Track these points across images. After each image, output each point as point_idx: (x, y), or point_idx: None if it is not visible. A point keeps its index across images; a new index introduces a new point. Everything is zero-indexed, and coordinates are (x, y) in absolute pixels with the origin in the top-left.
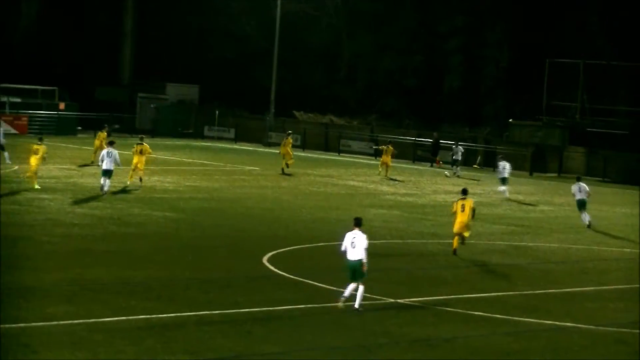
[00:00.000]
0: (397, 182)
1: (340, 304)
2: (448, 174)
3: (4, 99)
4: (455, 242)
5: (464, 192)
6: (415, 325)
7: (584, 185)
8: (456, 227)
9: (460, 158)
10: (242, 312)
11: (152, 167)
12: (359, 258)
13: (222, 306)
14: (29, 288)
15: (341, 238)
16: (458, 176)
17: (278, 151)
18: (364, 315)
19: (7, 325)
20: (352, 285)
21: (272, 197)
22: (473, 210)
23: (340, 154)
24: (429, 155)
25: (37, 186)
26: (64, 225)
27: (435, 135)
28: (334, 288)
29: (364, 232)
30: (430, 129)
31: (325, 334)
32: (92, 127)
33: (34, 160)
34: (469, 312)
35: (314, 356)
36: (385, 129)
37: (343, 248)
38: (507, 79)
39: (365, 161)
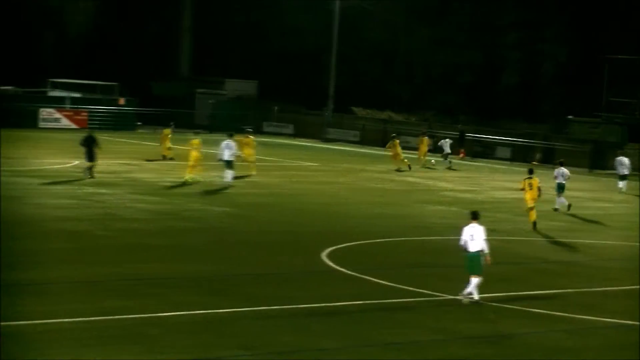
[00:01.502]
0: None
1: (464, 299)
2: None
3: (64, 94)
4: (532, 215)
5: (530, 172)
6: (473, 321)
7: (566, 170)
8: (529, 202)
9: (450, 151)
10: (299, 307)
11: (210, 163)
12: (478, 249)
13: (279, 301)
14: (86, 282)
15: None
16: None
17: (390, 153)
18: (420, 311)
19: (64, 320)
20: (474, 280)
21: (330, 193)
22: (539, 188)
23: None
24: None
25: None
26: (122, 219)
27: (460, 128)
28: (391, 284)
29: (480, 224)
30: (488, 125)
31: (382, 330)
32: (150, 122)
33: (194, 154)
34: (527, 309)
35: (371, 352)
36: (442, 125)
37: (462, 242)
38: (565, 75)
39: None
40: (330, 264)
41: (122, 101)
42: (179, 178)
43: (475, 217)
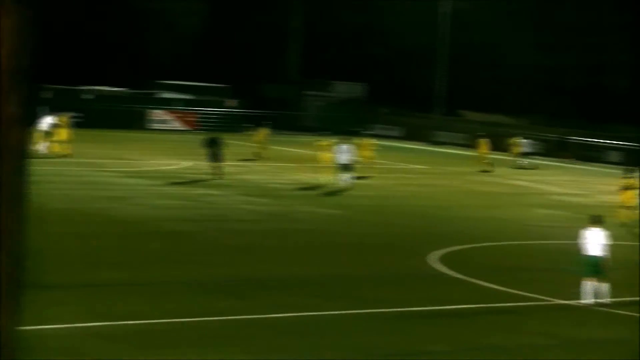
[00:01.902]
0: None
1: (589, 303)
2: (523, 162)
3: (174, 96)
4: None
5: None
6: (584, 326)
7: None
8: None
9: (529, 150)
10: (407, 310)
11: (318, 165)
12: (599, 254)
13: (387, 304)
14: (195, 283)
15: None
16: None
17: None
18: (529, 315)
19: (176, 320)
20: (591, 283)
21: (438, 196)
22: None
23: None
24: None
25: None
26: (232, 221)
27: (562, 131)
28: (499, 287)
29: (602, 229)
30: (598, 129)
31: (490, 334)
32: (259, 124)
33: (325, 156)
34: (637, 314)
35: (480, 356)
36: (553, 128)
37: (582, 245)
38: None
39: (533, 160)
40: (438, 267)
41: (231, 103)
42: (288, 180)
43: (596, 221)
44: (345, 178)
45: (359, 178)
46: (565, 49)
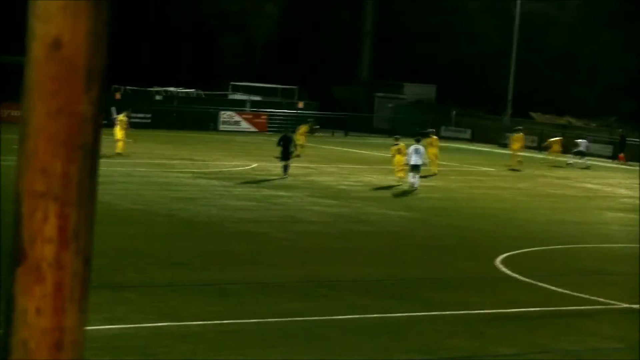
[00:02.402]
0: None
1: None
2: (571, 162)
3: (245, 97)
4: None
5: None
6: None
7: None
8: None
9: (585, 150)
10: (475, 312)
11: (388, 167)
12: None
13: (455, 306)
14: (265, 284)
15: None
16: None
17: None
18: (598, 319)
19: (245, 320)
20: None
21: (507, 198)
22: None
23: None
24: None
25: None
26: (301, 222)
27: (621, 132)
28: (568, 291)
29: None
30: None
31: (560, 337)
32: (330, 126)
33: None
34: None
35: (547, 358)
36: (626, 131)
37: None
38: None
39: (602, 164)
40: (506, 270)
41: (301, 104)
42: (358, 182)
43: None
44: (413, 178)
45: (424, 178)
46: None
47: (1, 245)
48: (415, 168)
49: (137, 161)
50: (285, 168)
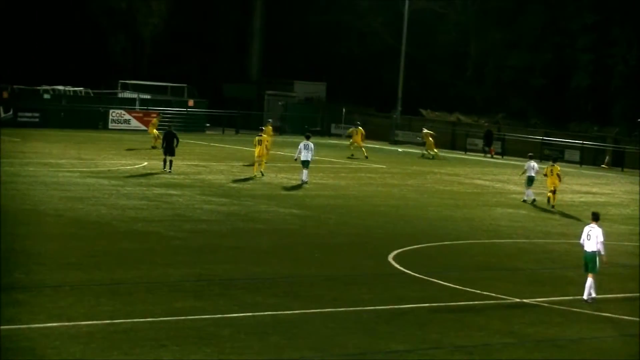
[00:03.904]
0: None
1: (589, 301)
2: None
3: (134, 95)
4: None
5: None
6: (541, 325)
7: (536, 164)
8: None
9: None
10: (367, 309)
11: (279, 165)
12: (593, 250)
13: (347, 303)
14: (157, 283)
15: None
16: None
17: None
18: (489, 314)
19: (136, 320)
20: (589, 280)
21: (398, 195)
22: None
23: (467, 153)
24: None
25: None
26: (192, 221)
27: (486, 126)
28: (459, 287)
29: (600, 226)
30: (558, 128)
31: (450, 333)
32: (220, 124)
33: (258, 151)
34: (596, 313)
35: (440, 355)
36: (512, 127)
37: (581, 241)
38: (636, 78)
39: (492, 160)
40: (398, 266)
41: (191, 103)
42: (247, 180)
43: (595, 218)
44: (303, 176)
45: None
46: (528, 49)
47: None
48: (305, 164)
49: (25, 161)
50: (168, 163)
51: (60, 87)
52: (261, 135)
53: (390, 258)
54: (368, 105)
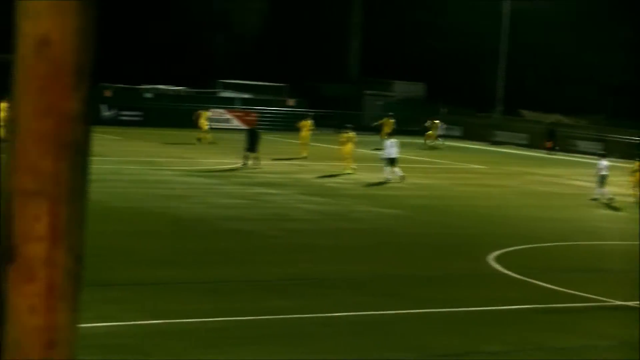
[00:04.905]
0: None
1: None
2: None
3: (234, 95)
4: None
5: None
6: None
7: (606, 162)
8: None
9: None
10: (464, 310)
11: (377, 164)
12: None
13: (444, 303)
14: (254, 281)
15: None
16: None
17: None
18: (589, 316)
19: (232, 318)
20: None
21: (496, 196)
22: None
23: (568, 154)
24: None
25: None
26: (290, 220)
27: (551, 122)
28: (558, 288)
29: None
30: None
31: (550, 335)
32: (318, 123)
33: (345, 148)
34: None
35: (539, 356)
36: (615, 128)
37: None
38: None
39: (592, 161)
40: (496, 267)
41: (291, 102)
42: (345, 179)
43: None
44: (393, 172)
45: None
46: (633, 49)
47: None
48: (392, 161)
49: (127, 159)
50: (251, 160)
51: (161, 87)
52: (348, 133)
53: (488, 259)
54: (467, 106)
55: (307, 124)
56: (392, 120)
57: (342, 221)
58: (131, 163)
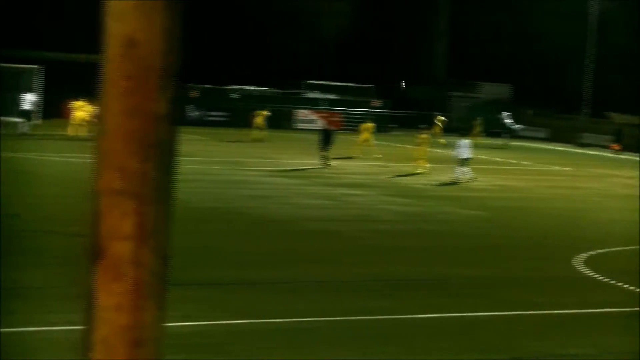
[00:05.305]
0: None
1: None
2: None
3: (320, 96)
4: None
5: None
6: None
7: None
8: None
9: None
10: (551, 312)
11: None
12: None
13: (528, 306)
14: (339, 282)
15: None
16: None
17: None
18: None
19: (317, 319)
20: None
21: (581, 198)
22: None
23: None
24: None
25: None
26: (374, 221)
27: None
28: None
29: None
30: None
31: (637, 339)
32: (405, 125)
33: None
34: None
35: None
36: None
37: None
38: None
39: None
40: (583, 270)
41: (376, 103)
42: (430, 180)
43: None
44: (463, 172)
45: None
46: None
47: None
48: (464, 161)
49: (213, 159)
50: (325, 158)
51: (248, 87)
52: (424, 134)
53: (574, 261)
54: (553, 107)
55: (369, 126)
56: (444, 119)
57: (426, 222)
58: (216, 163)
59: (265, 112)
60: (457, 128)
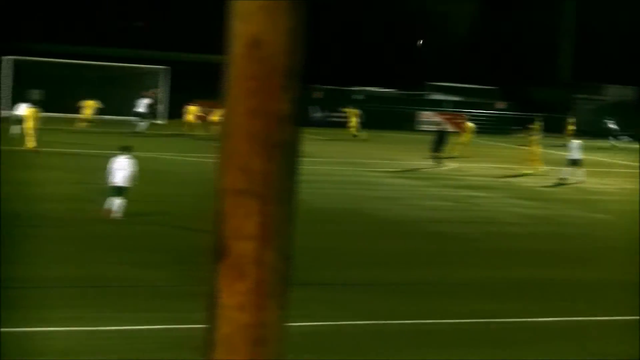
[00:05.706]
0: None
1: None
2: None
3: (443, 97)
4: None
5: None
6: None
7: None
8: None
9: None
10: None
11: (589, 168)
12: None
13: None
14: (458, 284)
15: None
16: None
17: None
18: None
19: (440, 320)
20: None
21: None
22: None
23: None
24: None
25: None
26: (497, 223)
27: None
28: None
29: None
30: None
31: None
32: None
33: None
34: None
35: None
36: None
37: None
38: None
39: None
40: None
41: (501, 105)
42: (556, 183)
43: None
44: (574, 173)
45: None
46: None
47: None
48: (575, 162)
49: (335, 160)
50: (437, 160)
51: (371, 89)
52: (532, 135)
53: None
54: None
55: (470, 127)
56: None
57: (550, 225)
58: (339, 164)
59: (356, 111)
60: (584, 131)
